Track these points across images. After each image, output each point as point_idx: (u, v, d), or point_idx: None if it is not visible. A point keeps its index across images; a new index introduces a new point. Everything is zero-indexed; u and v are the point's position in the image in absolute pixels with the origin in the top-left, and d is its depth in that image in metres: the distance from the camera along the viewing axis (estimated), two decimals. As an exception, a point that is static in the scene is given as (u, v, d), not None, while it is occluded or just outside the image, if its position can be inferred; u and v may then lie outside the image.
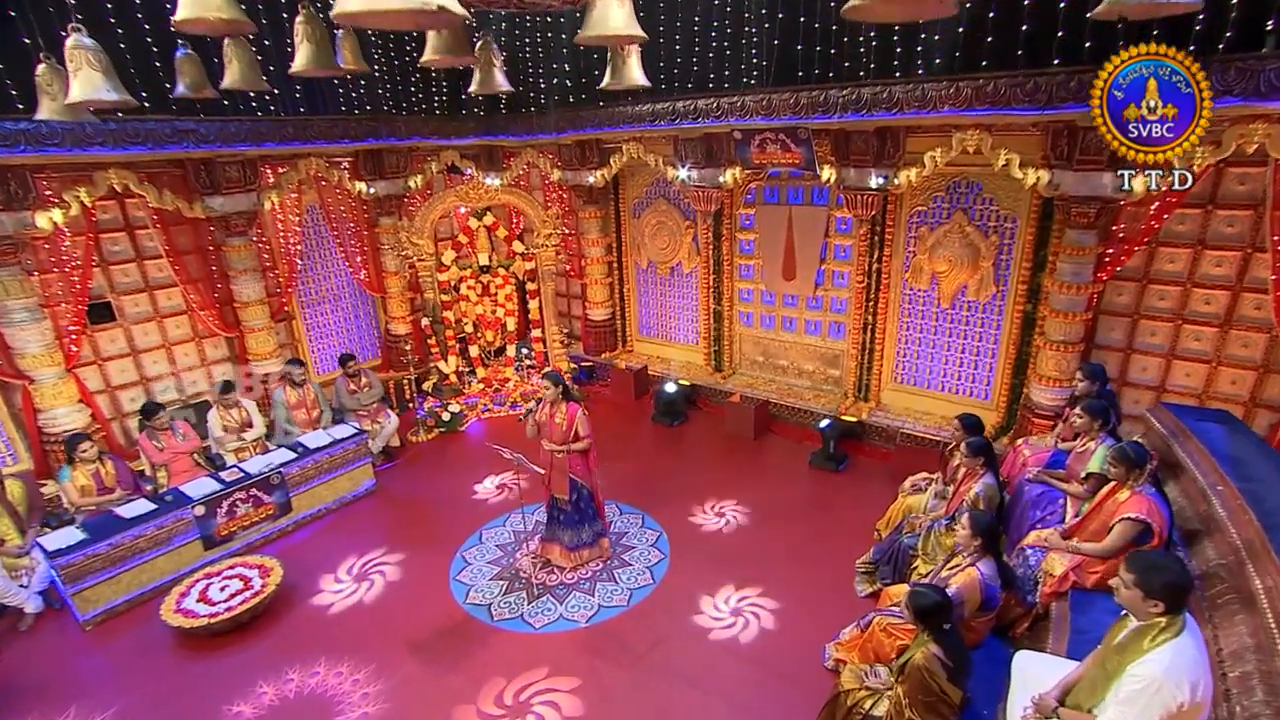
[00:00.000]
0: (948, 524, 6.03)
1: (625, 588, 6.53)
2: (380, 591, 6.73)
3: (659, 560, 6.89)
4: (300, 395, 8.55)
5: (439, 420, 9.87)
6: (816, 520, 7.43)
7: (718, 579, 6.57)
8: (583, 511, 6.66)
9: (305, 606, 6.59)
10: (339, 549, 7.37)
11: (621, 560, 6.91)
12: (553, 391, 6.33)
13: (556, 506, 6.71)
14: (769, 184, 9.48)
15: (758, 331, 10.22)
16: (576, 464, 6.48)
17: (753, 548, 7.00)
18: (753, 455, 8.96)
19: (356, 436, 8.30)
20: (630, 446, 9.26)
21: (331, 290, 10.68)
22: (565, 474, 6.49)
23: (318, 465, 7.94)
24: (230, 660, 5.98)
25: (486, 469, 8.80)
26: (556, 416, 6.35)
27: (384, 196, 10.43)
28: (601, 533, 6.91)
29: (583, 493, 6.60)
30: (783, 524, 7.35)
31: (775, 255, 9.61)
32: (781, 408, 9.68)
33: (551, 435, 6.37)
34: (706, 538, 7.20)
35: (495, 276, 10.80)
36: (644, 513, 7.65)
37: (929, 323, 8.68)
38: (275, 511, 7.61)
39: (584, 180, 10.62)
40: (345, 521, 7.92)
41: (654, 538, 7.24)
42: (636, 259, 11.30)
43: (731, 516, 7.54)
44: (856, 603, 6.23)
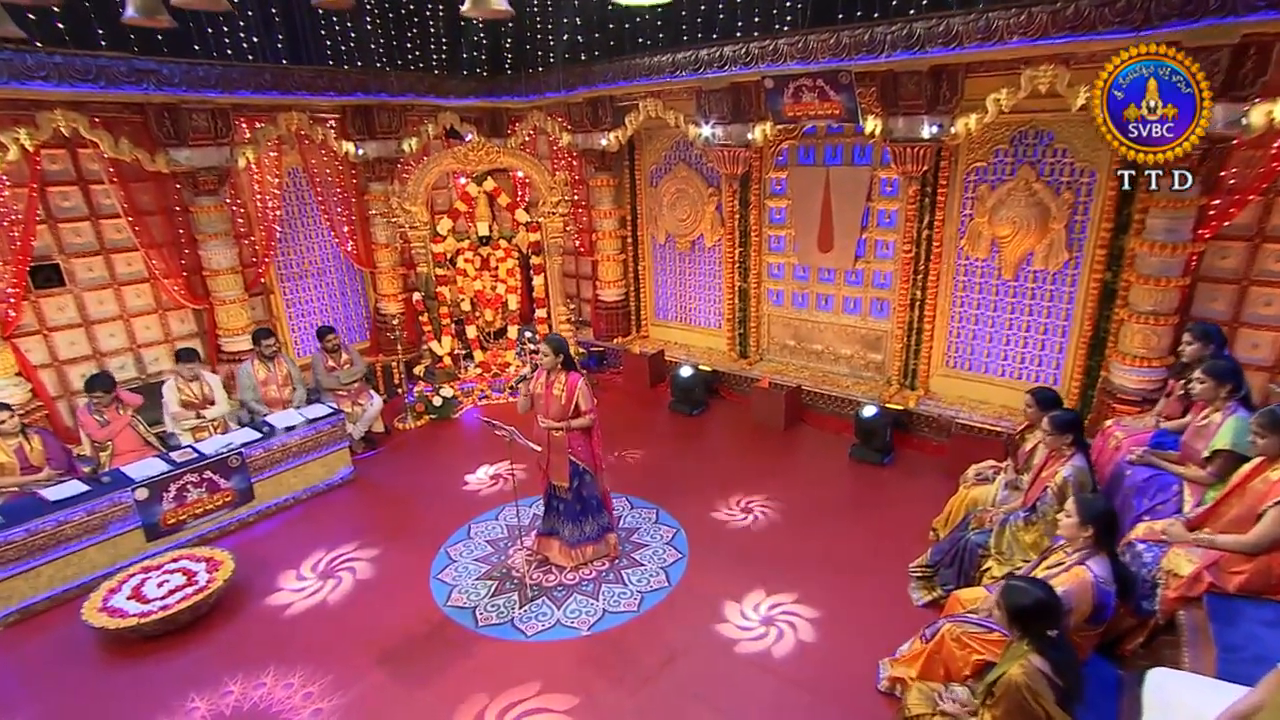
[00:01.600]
0: (1026, 516, 5.12)
1: (636, 591, 5.74)
2: (348, 590, 5.97)
3: (676, 560, 6.10)
4: (270, 370, 7.80)
5: (429, 405, 9.16)
6: (860, 519, 6.70)
7: (745, 582, 5.79)
8: (585, 501, 5.93)
9: (258, 606, 5.82)
10: (306, 543, 6.65)
11: (631, 559, 6.14)
12: (551, 359, 5.61)
13: (555, 495, 5.99)
14: (803, 142, 8.73)
15: (788, 311, 9.48)
16: (578, 444, 5.76)
17: (786, 548, 6.25)
18: (783, 447, 8.23)
19: (332, 417, 7.57)
20: (644, 436, 8.55)
21: (315, 263, 10.00)
22: (565, 456, 5.75)
23: (286, 448, 7.22)
24: (162, 668, 5.19)
25: (480, 457, 8.12)
26: (554, 388, 5.64)
27: (374, 160, 9.75)
28: (608, 527, 6.13)
29: (585, 479, 5.86)
30: (821, 522, 6.61)
31: (810, 224, 8.87)
32: (815, 396, 8.89)
33: (548, 410, 5.67)
34: (731, 536, 6.45)
35: (496, 249, 10.08)
36: (658, 507, 6.90)
37: (987, 297, 7.82)
38: (234, 499, 6.80)
39: (596, 144, 9.95)
40: (316, 512, 7.21)
41: (670, 535, 6.46)
42: (653, 233, 10.60)
43: (760, 513, 6.76)
44: (913, 612, 5.41)
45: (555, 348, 5.63)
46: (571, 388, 5.61)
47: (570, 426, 5.66)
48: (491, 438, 8.18)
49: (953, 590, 5.17)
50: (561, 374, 5.65)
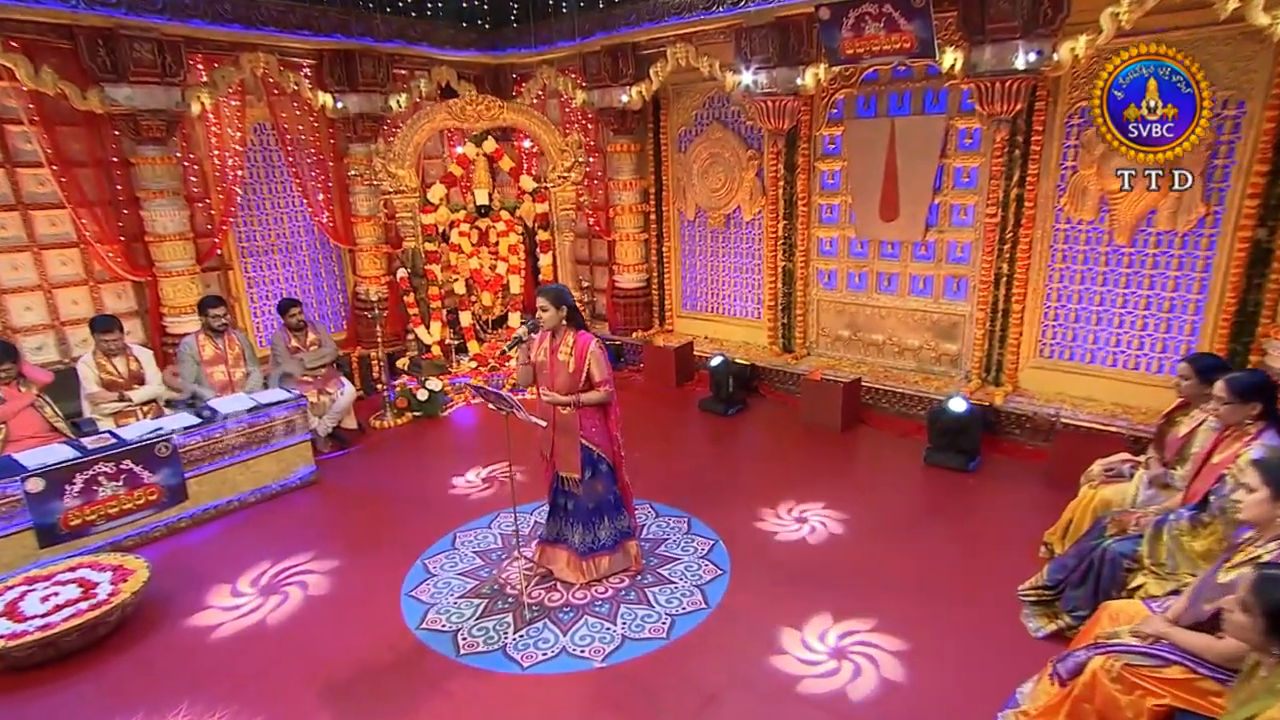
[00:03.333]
0: (1192, 516, 4.11)
1: (664, 613, 4.87)
2: (294, 609, 5.12)
3: (714, 577, 5.23)
4: (220, 347, 6.96)
5: (412, 400, 8.36)
6: (945, 533, 5.83)
7: (806, 605, 4.92)
8: (601, 499, 5.09)
9: (177, 628, 4.94)
10: (248, 552, 5.82)
11: (658, 575, 5.27)
12: (554, 314, 4.82)
13: (562, 491, 5.16)
14: (862, 90, 7.97)
15: (843, 295, 8.69)
16: (591, 425, 4.94)
17: (854, 565, 5.39)
18: (841, 451, 7.41)
19: (292, 402, 6.75)
20: (671, 438, 7.78)
21: (284, 236, 9.28)
22: (575, 439, 4.91)
23: (231, 438, 6.37)
24: (32, 708, 4.24)
25: (471, 459, 7.33)
26: (560, 351, 4.85)
27: (356, 116, 9.07)
28: (628, 532, 5.28)
29: (600, 470, 5.02)
30: (895, 536, 5.75)
31: (870, 188, 8.10)
32: (878, 393, 8.06)
33: (552, 380, 4.88)
34: (784, 550, 5.62)
35: (497, 221, 9.37)
36: (690, 515, 6.09)
37: (1094, 269, 6.95)
38: (161, 497, 5.89)
39: (615, 101, 9.23)
40: (266, 517, 6.39)
41: (706, 547, 5.61)
42: (681, 207, 9.88)
43: (818, 523, 5.93)
44: (1030, 645, 4.49)
45: (555, 299, 4.83)
46: (582, 351, 4.81)
47: (581, 402, 4.85)
48: (487, 436, 7.76)
49: (1085, 618, 4.18)
50: (569, 334, 4.87)
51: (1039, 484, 6.38)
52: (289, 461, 6.75)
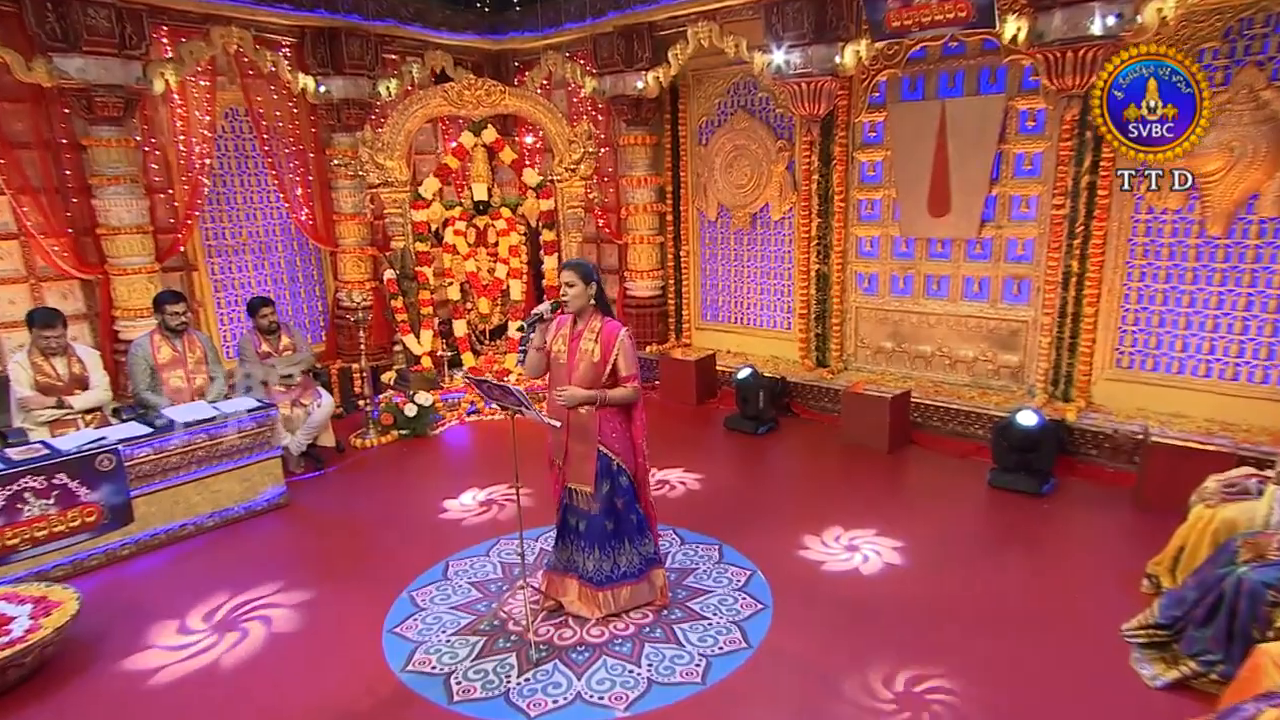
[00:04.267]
0: (1352, 534, 3.53)
1: (697, 653, 4.36)
2: (255, 648, 4.61)
3: (755, 612, 4.76)
4: (178, 349, 6.50)
5: (399, 416, 7.89)
6: (1022, 563, 5.36)
7: (866, 645, 4.42)
8: (620, 518, 4.59)
9: (109, 672, 4.41)
10: (203, 583, 5.28)
11: (688, 610, 4.78)
12: (581, 291, 4.39)
13: (574, 509, 4.64)
14: (908, 70, 7.59)
15: (885, 301, 8.28)
16: (612, 429, 4.47)
17: (919, 600, 4.89)
18: (891, 473, 6.98)
19: (260, 413, 6.27)
20: (695, 458, 7.30)
21: (256, 235, 8.90)
22: (592, 446, 4.44)
23: (187, 452, 5.88)
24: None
25: (466, 480, 6.87)
26: (584, 339, 4.42)
27: (341, 102, 8.74)
28: (653, 559, 4.79)
29: (620, 483, 4.53)
30: (964, 567, 5.26)
31: (917, 180, 7.70)
32: (929, 410, 7.62)
33: (570, 373, 4.43)
34: (834, 582, 5.14)
35: (496, 219, 8.91)
36: (721, 542, 5.62)
37: (1182, 265, 6.50)
38: (100, 519, 5.35)
39: (629, 88, 8.92)
40: (227, 544, 5.88)
41: (742, 578, 5.15)
42: (701, 206, 9.54)
43: (871, 552, 5.47)
44: (1149, 696, 3.98)
45: (584, 274, 4.41)
46: (609, 340, 4.38)
47: (604, 400, 4.37)
48: (485, 457, 7.57)
49: (1217, 663, 3.62)
50: (595, 319, 4.45)
51: (1126, 508, 5.94)
52: (255, 481, 6.25)
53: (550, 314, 4.46)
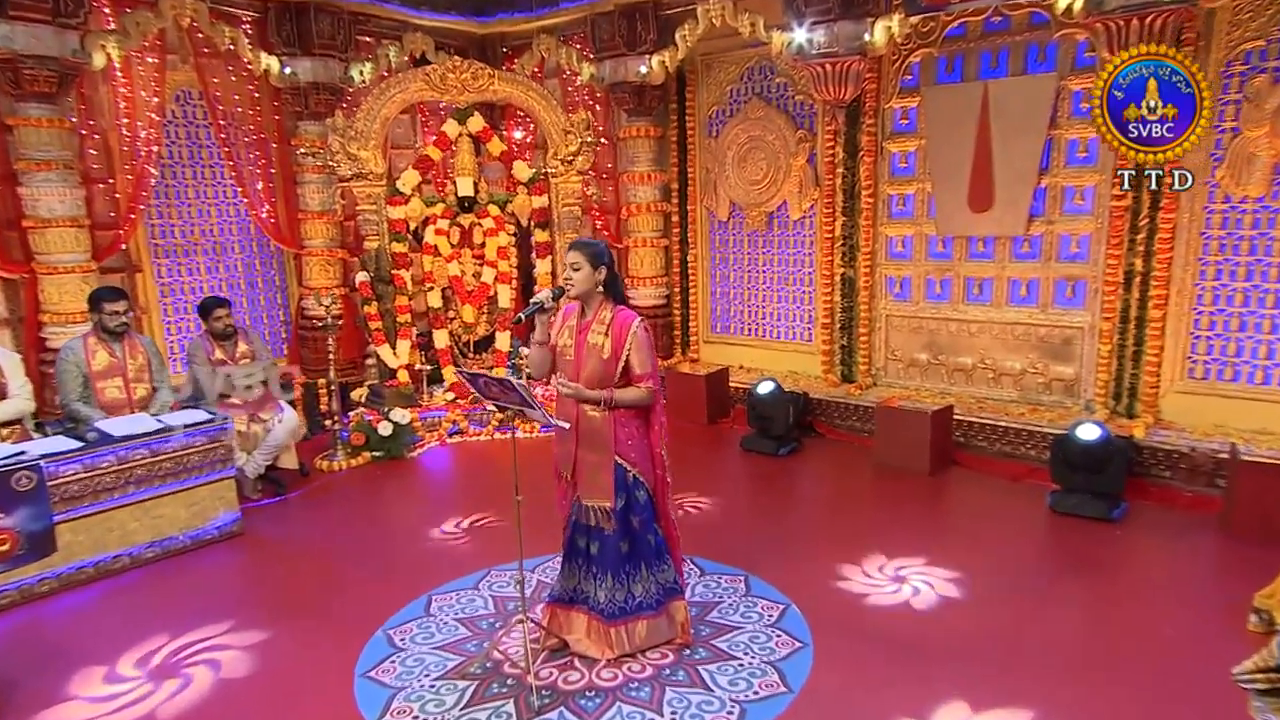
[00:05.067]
0: None
1: (729, 699, 4.02)
2: (199, 697, 4.23)
3: (793, 651, 4.45)
4: (117, 355, 6.19)
5: (371, 436, 7.64)
6: (1098, 595, 5.11)
7: (926, 689, 4.08)
8: (637, 541, 4.30)
9: None
10: (138, 623, 4.93)
11: (715, 649, 4.46)
12: (587, 276, 4.14)
13: (585, 528, 4.33)
14: (945, 50, 7.44)
15: (920, 308, 8.11)
16: (628, 435, 4.20)
17: (983, 636, 4.60)
18: (935, 497, 6.80)
19: (210, 426, 5.98)
20: (711, 482, 7.10)
21: (211, 234, 8.59)
22: (607, 454, 4.17)
23: (124, 470, 5.54)
24: None
25: (451, 507, 6.63)
26: (592, 331, 4.17)
27: (309, 86, 8.45)
28: (673, 589, 4.48)
29: (638, 498, 4.25)
30: (1031, 600, 5.01)
31: (956, 171, 7.55)
32: (974, 428, 7.40)
33: (578, 369, 4.18)
34: (882, 617, 4.87)
35: (483, 218, 8.76)
36: (747, 573, 5.36)
37: (1265, 260, 6.27)
38: (15, 548, 4.88)
39: (631, 74, 8.77)
40: (169, 578, 5.56)
41: (774, 612, 4.86)
42: (711, 205, 9.45)
43: (922, 584, 5.21)
44: None
45: (592, 255, 4.16)
46: (621, 332, 4.12)
47: (614, 402, 4.10)
48: (471, 481, 7.31)
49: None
50: (605, 308, 4.20)
51: (1212, 535, 5.72)
52: (204, 506, 5.93)
53: (551, 302, 4.18)
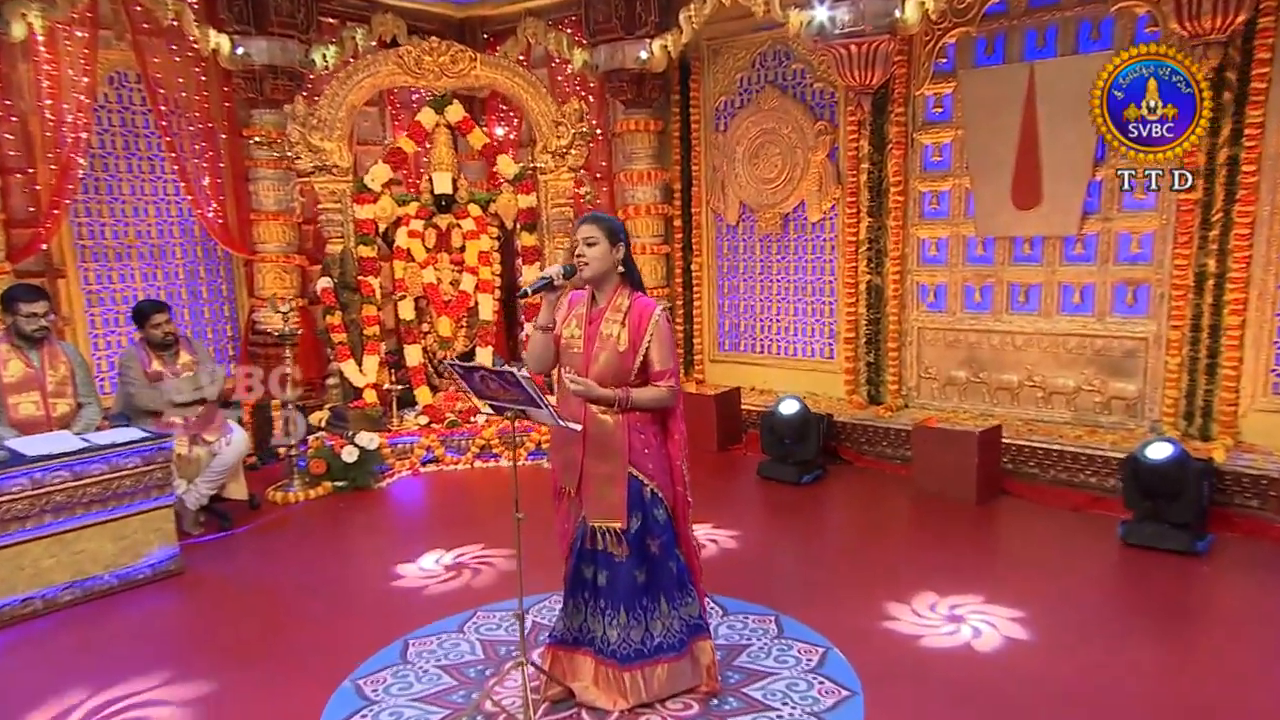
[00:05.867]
0: None
1: None
2: None
3: (841, 700, 4.17)
4: (34, 364, 5.93)
5: (333, 464, 7.45)
6: (1184, 640, 5.01)
7: None
8: (656, 568, 4.08)
9: None
10: (52, 676, 4.64)
11: (747, 698, 4.19)
12: (603, 252, 3.96)
13: (592, 555, 4.10)
14: (984, 29, 7.37)
15: (957, 319, 8.04)
16: (643, 441, 4.02)
17: (1055, 682, 4.42)
18: (985, 529, 6.79)
19: (148, 445, 5.73)
20: (729, 513, 6.99)
21: (148, 235, 8.39)
22: (619, 465, 3.96)
23: (38, 496, 5.26)
24: None
25: (426, 540, 6.47)
26: (605, 320, 4.00)
27: (264, 70, 8.28)
28: (698, 626, 4.25)
29: (656, 518, 4.03)
30: (1113, 642, 4.83)
31: (998, 164, 7.49)
32: (1022, 453, 7.25)
33: (587, 364, 4.00)
34: (940, 661, 4.68)
35: (463, 219, 8.75)
36: (778, 612, 5.16)
37: None
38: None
39: (630, 61, 8.72)
40: (93, 624, 5.30)
41: (813, 657, 4.62)
42: (718, 207, 9.43)
43: (983, 624, 5.02)
44: None
45: (609, 229, 3.98)
46: (639, 322, 3.94)
47: (630, 403, 3.90)
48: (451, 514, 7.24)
49: None
50: (621, 293, 4.02)
51: None
52: (136, 540, 5.65)
53: (562, 280, 3.97)
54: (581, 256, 3.90)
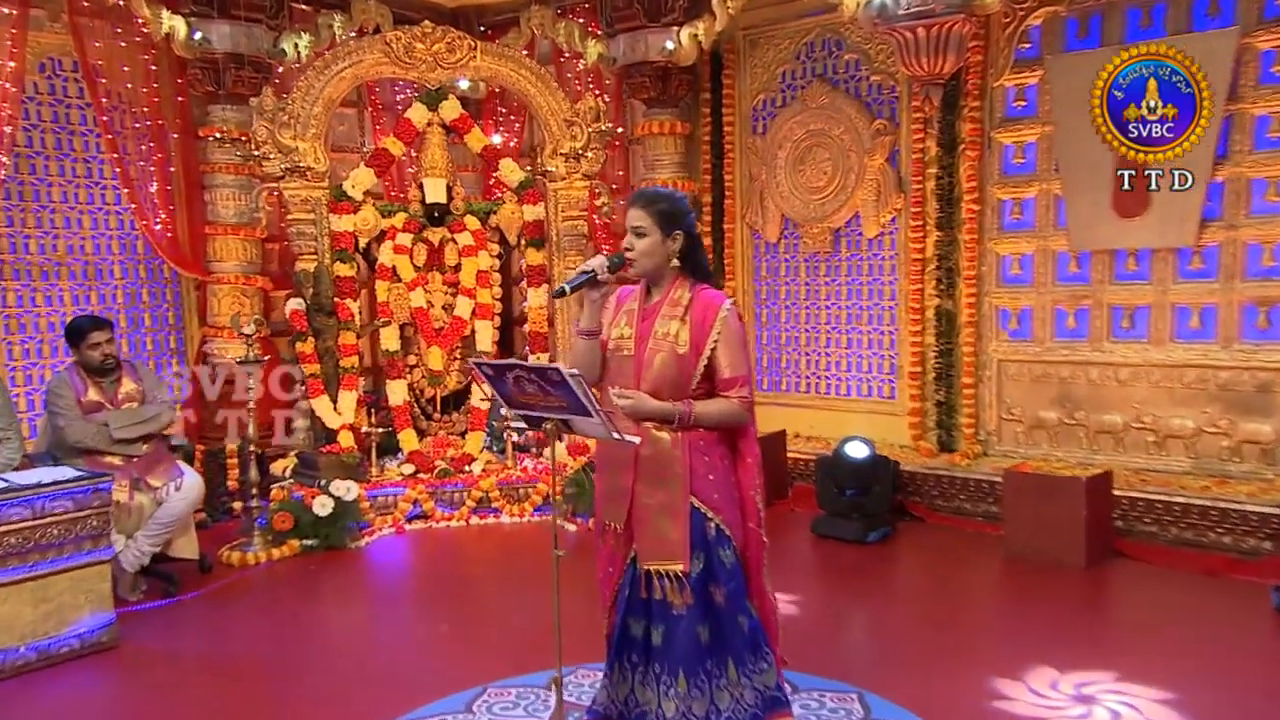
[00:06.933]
0: None
1: None
2: None
3: None
4: None
5: (301, 518, 7.31)
6: None
7: None
8: (723, 624, 3.87)
9: None
10: None
11: None
12: (655, 244, 3.81)
13: (640, 605, 3.90)
14: (1075, 8, 7.41)
15: (1046, 349, 7.95)
16: (709, 469, 3.86)
17: None
18: (1100, 596, 6.69)
19: (82, 486, 5.55)
20: (786, 576, 6.70)
21: (80, 250, 8.35)
22: (679, 493, 3.76)
23: None
24: None
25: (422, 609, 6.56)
26: (661, 317, 3.87)
27: (227, 60, 8.25)
28: (776, 699, 4.00)
29: (723, 561, 3.83)
30: None
31: (1095, 165, 7.33)
32: (1136, 507, 7.04)
33: (638, 373, 3.85)
34: None
35: (459, 232, 8.79)
36: (861, 690, 4.99)
37: None
38: None
39: (654, 52, 8.77)
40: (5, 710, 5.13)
41: None
42: (756, 223, 9.43)
43: (1119, 706, 4.80)
44: None
45: (664, 215, 3.81)
46: (704, 318, 3.78)
47: (694, 418, 3.71)
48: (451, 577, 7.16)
49: None
50: (681, 286, 3.88)
51: None
52: (63, 604, 5.45)
53: (606, 273, 3.78)
54: (629, 249, 3.76)
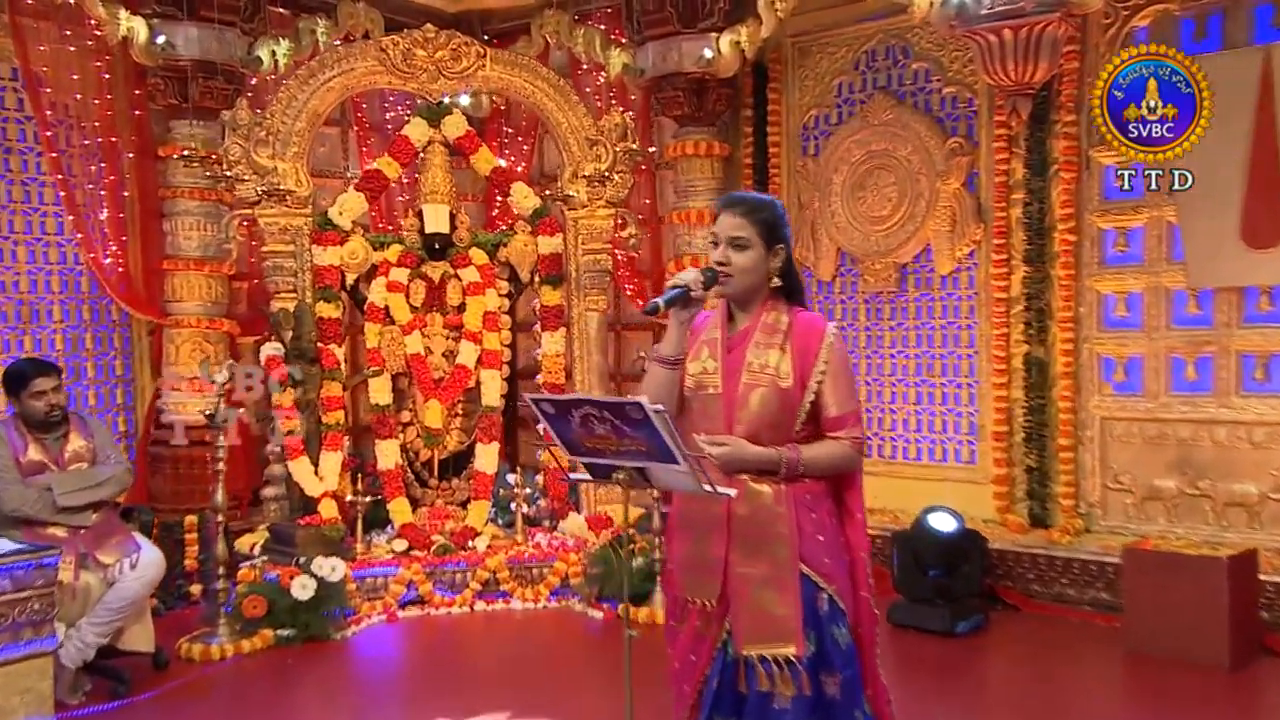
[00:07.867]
0: None
1: None
2: None
3: None
4: None
5: (277, 602, 7.12)
6: None
7: None
8: (835, 715, 3.61)
9: None
10: None
11: None
12: (756, 257, 3.64)
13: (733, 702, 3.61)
14: (1190, 6, 7.47)
15: (1159, 406, 7.79)
16: (816, 526, 3.63)
17: None
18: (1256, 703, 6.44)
19: (22, 561, 5.39)
20: None
21: (14, 289, 8.42)
22: (786, 559, 3.52)
23: None
24: None
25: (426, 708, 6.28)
26: (754, 345, 3.69)
27: (194, 68, 8.34)
28: None
29: (837, 640, 3.56)
30: None
31: (1217, 188, 7.29)
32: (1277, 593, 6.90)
33: (728, 414, 3.66)
34: None
35: (462, 266, 8.74)
36: None
37: None
38: None
39: (688, 62, 8.78)
40: None
41: None
42: (805, 258, 9.29)
43: None
44: None
45: (764, 224, 3.62)
46: (807, 346, 3.59)
47: (802, 465, 3.49)
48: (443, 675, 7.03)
49: None
50: (777, 309, 3.69)
51: None
52: None
53: (701, 290, 3.54)
54: (724, 265, 3.49)
